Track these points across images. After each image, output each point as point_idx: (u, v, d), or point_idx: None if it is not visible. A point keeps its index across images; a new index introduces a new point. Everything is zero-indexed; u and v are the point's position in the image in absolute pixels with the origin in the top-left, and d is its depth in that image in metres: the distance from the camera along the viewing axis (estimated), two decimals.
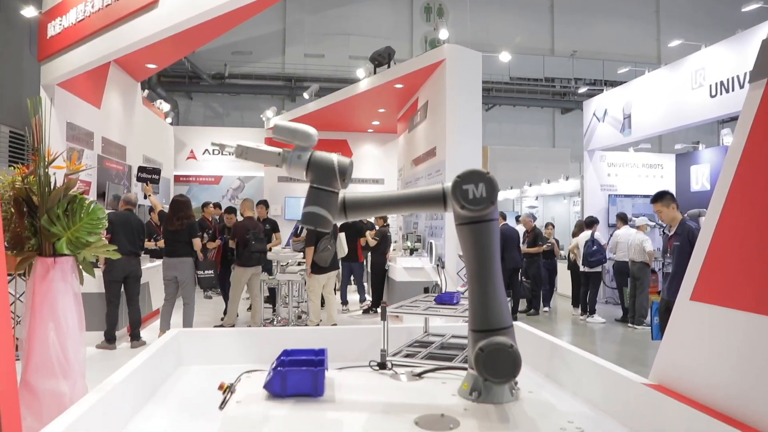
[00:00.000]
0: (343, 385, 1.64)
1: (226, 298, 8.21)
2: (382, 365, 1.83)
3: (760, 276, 1.61)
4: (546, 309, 10.19)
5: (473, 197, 1.44)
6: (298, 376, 1.50)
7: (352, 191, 1.58)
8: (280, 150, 1.54)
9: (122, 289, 6.59)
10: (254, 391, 1.55)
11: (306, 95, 14.07)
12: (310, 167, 1.51)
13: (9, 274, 4.67)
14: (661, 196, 5.04)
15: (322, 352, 1.71)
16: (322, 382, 1.51)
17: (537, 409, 1.44)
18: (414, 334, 3.16)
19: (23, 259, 3.02)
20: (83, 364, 3.02)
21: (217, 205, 10.29)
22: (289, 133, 1.53)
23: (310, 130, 1.53)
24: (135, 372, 2.51)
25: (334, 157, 1.52)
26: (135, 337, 6.61)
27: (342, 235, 7.69)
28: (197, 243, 6.76)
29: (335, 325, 7.56)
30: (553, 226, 11.05)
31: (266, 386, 1.51)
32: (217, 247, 7.98)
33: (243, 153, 1.56)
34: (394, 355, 2.80)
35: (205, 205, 9.66)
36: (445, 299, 2.96)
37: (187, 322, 6.77)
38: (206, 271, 6.87)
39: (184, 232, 6.66)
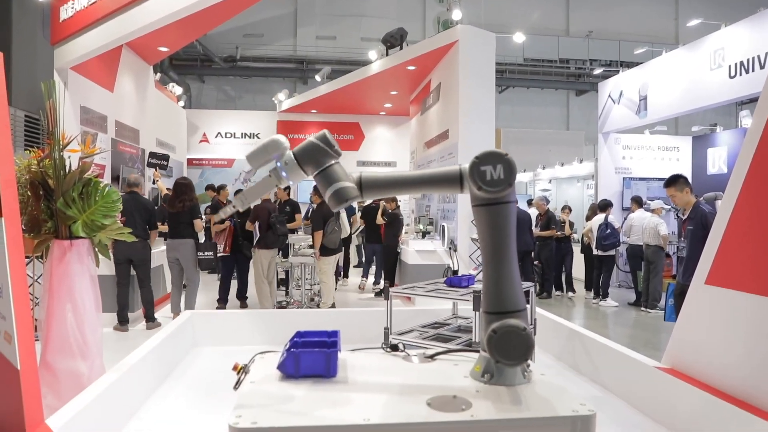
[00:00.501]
0: (355, 367, 1.66)
1: (226, 281, 8.03)
2: (394, 347, 1.84)
3: None
4: (559, 293, 10.17)
5: (491, 178, 1.44)
6: (311, 357, 1.52)
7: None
8: (269, 172, 1.57)
9: (132, 271, 6.66)
10: (268, 372, 1.58)
11: (318, 78, 14.02)
12: (300, 162, 1.53)
13: (27, 257, 4.74)
14: (674, 181, 4.98)
15: (335, 333, 1.73)
16: (335, 363, 1.54)
17: (549, 392, 1.44)
18: (441, 317, 3.19)
19: (40, 241, 3.06)
20: (100, 345, 3.08)
21: (211, 187, 10.30)
22: (262, 153, 1.55)
23: (276, 136, 1.56)
24: (150, 353, 2.54)
25: (310, 137, 1.55)
26: (149, 319, 6.68)
27: (344, 215, 7.70)
28: (198, 224, 6.78)
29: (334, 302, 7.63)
30: (570, 210, 10.85)
31: (280, 367, 1.54)
32: (228, 230, 7.96)
33: (243, 199, 1.60)
34: (401, 334, 2.82)
35: (221, 187, 9.69)
36: (455, 282, 2.98)
37: (189, 303, 6.79)
38: (206, 253, 6.90)
39: (186, 213, 6.69)
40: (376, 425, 1.24)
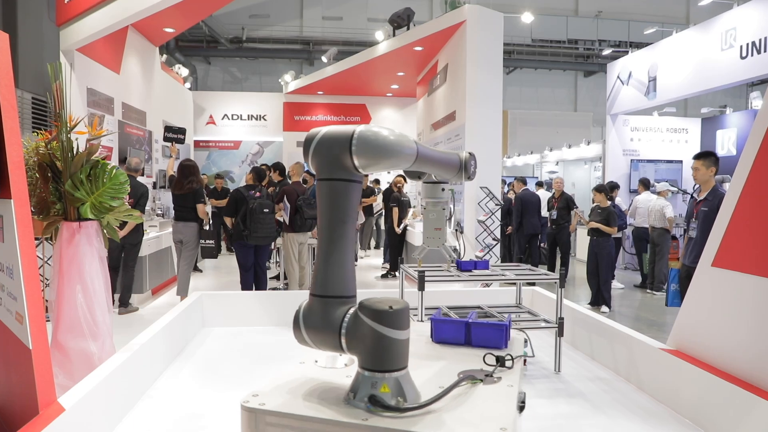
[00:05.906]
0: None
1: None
2: None
3: None
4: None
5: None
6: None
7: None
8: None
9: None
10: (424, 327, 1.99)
11: (324, 59, 13.93)
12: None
13: (36, 238, 4.77)
14: (704, 155, 4.94)
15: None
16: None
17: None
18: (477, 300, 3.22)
19: (49, 223, 3.08)
20: (110, 325, 3.11)
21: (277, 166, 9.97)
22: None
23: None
24: (159, 333, 2.57)
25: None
26: (123, 304, 6.45)
27: None
28: (201, 209, 6.64)
29: None
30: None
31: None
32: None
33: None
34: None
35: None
36: (464, 266, 2.99)
37: (180, 282, 6.75)
38: (207, 241, 6.81)
39: (190, 197, 6.60)
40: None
